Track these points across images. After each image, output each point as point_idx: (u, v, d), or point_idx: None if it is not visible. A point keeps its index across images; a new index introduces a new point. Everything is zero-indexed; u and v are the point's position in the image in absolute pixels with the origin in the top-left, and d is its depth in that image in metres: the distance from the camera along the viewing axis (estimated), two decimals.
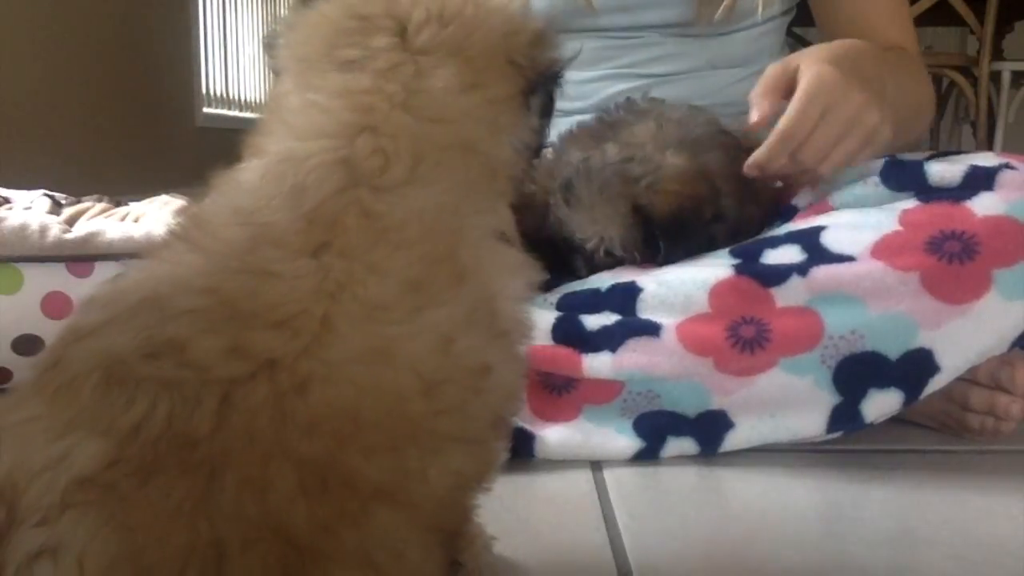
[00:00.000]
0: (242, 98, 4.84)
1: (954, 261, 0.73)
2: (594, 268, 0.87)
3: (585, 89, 1.06)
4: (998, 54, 3.21)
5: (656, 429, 0.76)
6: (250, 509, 0.38)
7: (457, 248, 0.46)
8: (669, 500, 0.69)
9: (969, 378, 0.78)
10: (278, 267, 0.42)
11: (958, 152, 0.83)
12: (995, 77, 3.18)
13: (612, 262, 0.87)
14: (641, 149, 0.84)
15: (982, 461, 0.78)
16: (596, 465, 0.75)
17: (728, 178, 0.85)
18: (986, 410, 0.79)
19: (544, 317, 0.80)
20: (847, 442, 0.80)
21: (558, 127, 1.06)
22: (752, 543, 0.61)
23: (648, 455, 0.76)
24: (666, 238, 0.83)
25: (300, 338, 0.40)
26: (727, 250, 0.81)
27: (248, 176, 0.47)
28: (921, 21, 3.01)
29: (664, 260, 0.83)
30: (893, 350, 0.74)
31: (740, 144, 0.87)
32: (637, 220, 0.83)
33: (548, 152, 0.95)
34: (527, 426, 0.77)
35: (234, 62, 4.76)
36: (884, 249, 0.74)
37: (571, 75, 1.11)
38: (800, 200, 0.86)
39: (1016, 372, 0.77)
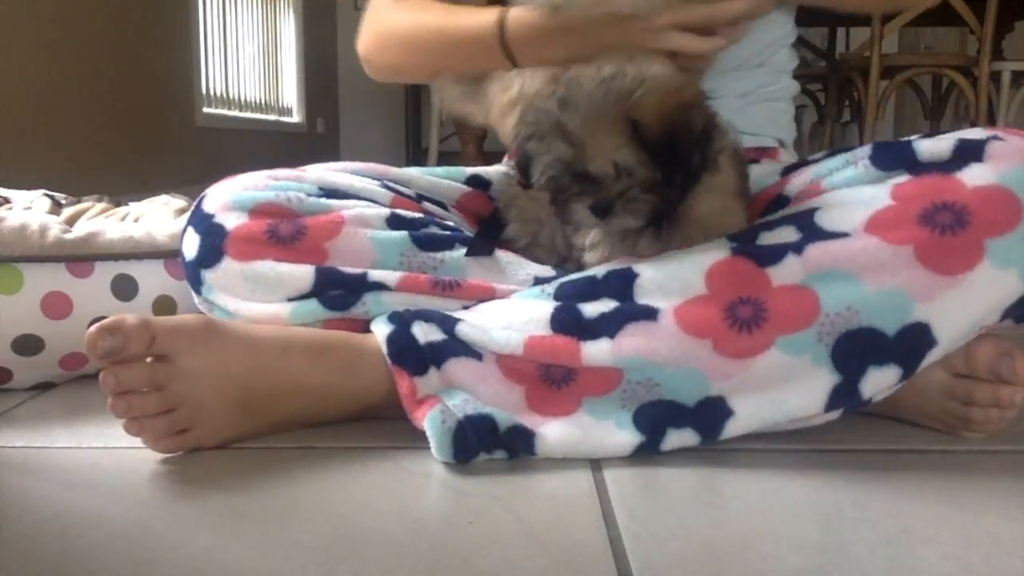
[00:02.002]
0: (242, 98, 4.83)
1: (947, 232, 0.73)
2: (609, 212, 0.78)
3: None
4: (998, 54, 3.21)
5: (656, 422, 0.76)
6: None
7: None
8: (669, 500, 0.69)
9: (969, 374, 0.78)
10: None
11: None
12: (995, 77, 3.18)
13: (629, 204, 0.78)
14: (623, 65, 0.80)
15: (982, 461, 0.78)
16: (596, 465, 0.75)
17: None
18: (990, 403, 0.79)
19: (542, 307, 0.80)
20: (847, 442, 0.80)
21: None
22: (752, 543, 0.62)
23: (649, 448, 0.76)
24: (660, 157, 0.76)
25: None
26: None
27: None
28: (921, 21, 3.02)
29: (668, 189, 0.77)
30: (890, 325, 0.74)
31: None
32: (636, 140, 0.76)
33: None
34: (526, 423, 0.77)
35: (234, 62, 4.76)
36: (877, 224, 0.75)
37: None
38: (791, 189, 0.87)
39: (1016, 363, 0.77)
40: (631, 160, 0.76)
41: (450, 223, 0.96)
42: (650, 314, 0.77)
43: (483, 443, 0.75)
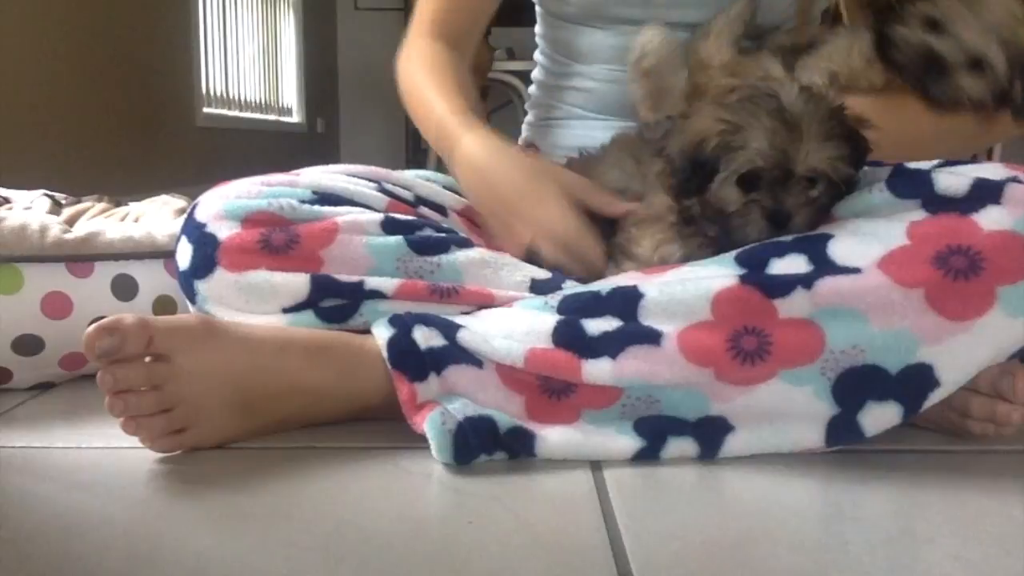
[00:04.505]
0: (242, 98, 4.84)
1: (959, 277, 0.73)
2: (787, 222, 0.80)
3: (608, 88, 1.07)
4: None
5: (657, 430, 0.76)
6: None
7: None
8: (669, 500, 0.69)
9: (969, 387, 0.78)
10: None
11: (966, 162, 0.83)
12: None
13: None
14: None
15: (982, 461, 0.78)
16: (596, 465, 0.75)
17: None
18: (986, 418, 0.79)
19: (544, 319, 0.80)
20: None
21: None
22: (752, 543, 0.62)
23: (648, 454, 0.76)
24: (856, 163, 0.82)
25: None
26: (733, 256, 0.81)
27: None
28: None
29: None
30: (893, 364, 0.74)
31: None
32: (847, 139, 0.82)
33: None
34: (526, 425, 0.77)
35: (234, 62, 4.77)
36: (890, 263, 0.74)
37: (592, 71, 1.11)
38: None
39: (1017, 382, 0.76)
40: (841, 158, 0.80)
41: (446, 226, 0.95)
42: (653, 337, 0.76)
43: (483, 444, 0.75)
